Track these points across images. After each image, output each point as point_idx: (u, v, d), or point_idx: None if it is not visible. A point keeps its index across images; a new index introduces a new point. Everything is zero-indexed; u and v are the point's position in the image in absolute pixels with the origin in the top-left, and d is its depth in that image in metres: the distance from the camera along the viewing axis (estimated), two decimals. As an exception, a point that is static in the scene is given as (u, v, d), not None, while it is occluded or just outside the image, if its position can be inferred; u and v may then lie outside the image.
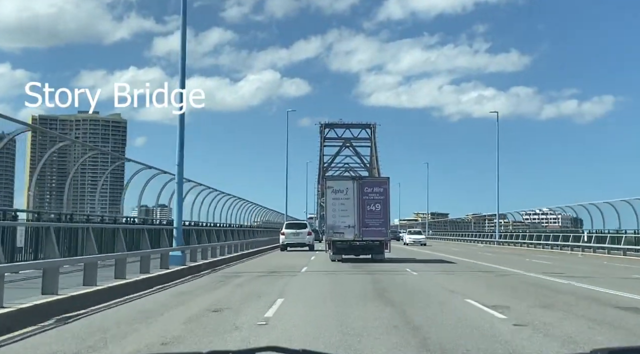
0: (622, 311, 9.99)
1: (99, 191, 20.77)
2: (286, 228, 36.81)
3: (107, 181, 22.16)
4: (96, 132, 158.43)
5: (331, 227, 23.87)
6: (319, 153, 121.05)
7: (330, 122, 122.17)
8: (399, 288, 13.78)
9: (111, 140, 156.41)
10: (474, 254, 32.69)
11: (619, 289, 13.50)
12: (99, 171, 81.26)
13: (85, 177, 37.27)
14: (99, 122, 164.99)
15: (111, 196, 22.49)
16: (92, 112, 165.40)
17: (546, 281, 16.14)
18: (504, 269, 21.02)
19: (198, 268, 18.48)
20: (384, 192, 23.88)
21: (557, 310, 9.93)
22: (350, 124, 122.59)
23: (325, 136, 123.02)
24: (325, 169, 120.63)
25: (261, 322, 8.47)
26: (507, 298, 11.68)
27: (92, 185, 35.81)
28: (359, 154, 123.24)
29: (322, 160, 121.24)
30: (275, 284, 14.23)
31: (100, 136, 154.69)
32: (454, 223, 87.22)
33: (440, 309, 9.94)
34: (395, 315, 9.29)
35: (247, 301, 10.98)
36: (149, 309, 9.92)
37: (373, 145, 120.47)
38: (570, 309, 10.02)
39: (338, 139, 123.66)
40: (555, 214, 69.19)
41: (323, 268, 20.70)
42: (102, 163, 26.00)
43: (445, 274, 18.49)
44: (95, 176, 24.19)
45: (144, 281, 13.55)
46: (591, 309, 10.18)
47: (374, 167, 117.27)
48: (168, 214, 29.74)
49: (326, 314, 9.31)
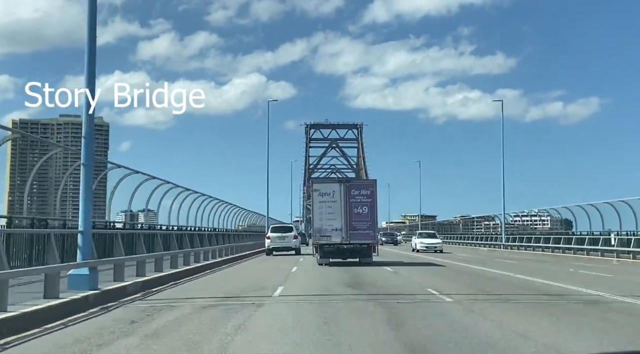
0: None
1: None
2: (271, 232, 36.56)
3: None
4: (78, 136, 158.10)
5: (318, 230, 23.82)
6: (305, 154, 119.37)
7: (315, 123, 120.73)
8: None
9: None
10: (501, 264, 26.24)
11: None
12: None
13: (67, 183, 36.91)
14: (81, 125, 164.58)
15: (95, 201, 22.17)
16: (74, 115, 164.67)
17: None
18: (586, 292, 14.03)
19: (120, 293, 12.81)
20: (371, 194, 23.89)
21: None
22: (337, 124, 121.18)
23: (311, 136, 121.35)
24: (311, 171, 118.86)
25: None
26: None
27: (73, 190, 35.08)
28: (345, 155, 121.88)
29: (307, 161, 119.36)
30: (218, 332, 8.42)
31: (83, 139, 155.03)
32: (442, 225, 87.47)
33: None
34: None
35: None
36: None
37: (360, 146, 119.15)
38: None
39: (324, 139, 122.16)
40: (545, 216, 69.67)
41: (307, 286, 15.41)
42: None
43: (503, 303, 11.95)
44: (77, 181, 23.87)
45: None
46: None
47: (361, 169, 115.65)
48: (154, 219, 29.54)
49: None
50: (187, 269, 19.69)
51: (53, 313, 9.70)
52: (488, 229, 74.98)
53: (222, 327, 8.83)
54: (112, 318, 9.97)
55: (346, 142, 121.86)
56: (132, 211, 27.48)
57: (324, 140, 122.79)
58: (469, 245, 60.27)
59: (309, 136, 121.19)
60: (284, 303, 11.85)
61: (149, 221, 31.22)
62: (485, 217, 79.16)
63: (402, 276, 19.18)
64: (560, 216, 49.25)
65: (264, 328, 8.88)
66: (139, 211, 33.47)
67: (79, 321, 9.63)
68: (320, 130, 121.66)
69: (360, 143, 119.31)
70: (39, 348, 7.48)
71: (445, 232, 79.74)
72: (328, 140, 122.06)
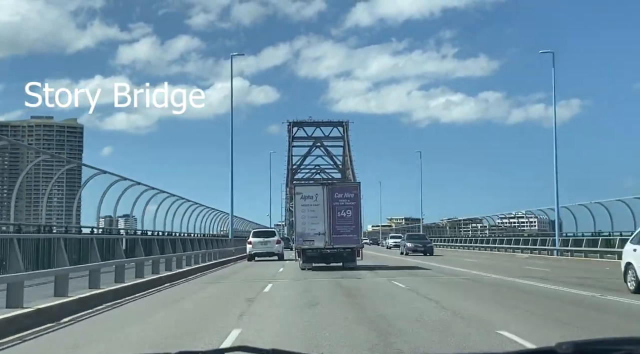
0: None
1: (46, 198, 19.69)
2: (253, 237, 36.28)
3: (61, 190, 21.63)
4: (50, 139, 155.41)
5: (301, 235, 23.83)
6: (287, 153, 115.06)
7: (299, 120, 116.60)
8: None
9: (67, 146, 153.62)
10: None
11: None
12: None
13: (39, 185, 36.46)
14: (53, 127, 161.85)
15: (67, 205, 21.63)
16: (45, 117, 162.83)
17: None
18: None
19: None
20: (355, 197, 23.94)
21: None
22: (321, 122, 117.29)
23: (294, 135, 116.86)
24: (294, 171, 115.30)
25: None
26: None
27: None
28: (330, 154, 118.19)
29: (290, 161, 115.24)
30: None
31: (55, 142, 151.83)
32: (428, 228, 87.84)
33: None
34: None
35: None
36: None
37: (346, 144, 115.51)
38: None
39: (308, 138, 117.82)
40: (530, 218, 70.17)
41: (282, 319, 10.34)
42: (57, 169, 25.43)
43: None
44: (48, 183, 23.05)
45: None
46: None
47: (348, 168, 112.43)
48: (133, 224, 29.24)
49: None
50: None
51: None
52: (476, 231, 75.47)
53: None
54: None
55: (331, 141, 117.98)
56: (111, 216, 27.25)
57: (307, 138, 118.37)
58: (460, 248, 60.63)
59: (292, 134, 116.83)
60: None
61: (129, 226, 30.96)
62: (473, 219, 79.68)
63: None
64: (547, 218, 49.69)
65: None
66: (119, 217, 33.19)
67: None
68: (303, 128, 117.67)
69: (347, 142, 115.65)
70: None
71: (433, 235, 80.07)
72: (312, 138, 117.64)
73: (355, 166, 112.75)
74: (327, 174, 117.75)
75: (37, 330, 9.24)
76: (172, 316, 11.23)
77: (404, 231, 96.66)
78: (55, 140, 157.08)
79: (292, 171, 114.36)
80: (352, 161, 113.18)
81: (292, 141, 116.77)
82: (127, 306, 12.91)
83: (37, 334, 9.03)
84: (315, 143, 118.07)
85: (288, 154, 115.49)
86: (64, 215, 20.91)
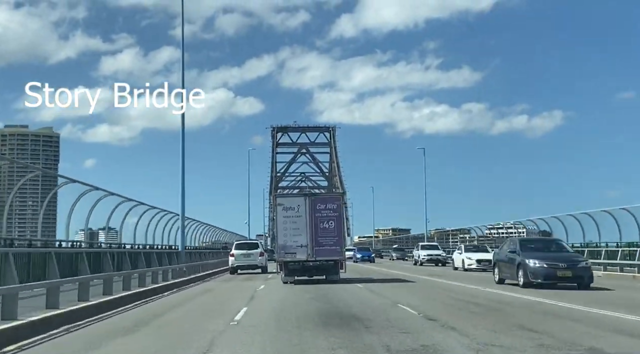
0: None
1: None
2: (235, 249, 36.08)
3: (35, 202, 21.32)
4: (25, 148, 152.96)
5: (282, 247, 23.71)
6: (271, 160, 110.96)
7: (283, 126, 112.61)
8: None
9: (42, 156, 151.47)
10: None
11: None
12: (29, 191, 79.60)
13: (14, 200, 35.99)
14: (27, 136, 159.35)
15: (44, 218, 21.10)
16: (20, 126, 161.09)
17: None
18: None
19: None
20: (338, 208, 23.81)
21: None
22: (307, 127, 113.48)
23: (278, 141, 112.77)
24: (278, 178, 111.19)
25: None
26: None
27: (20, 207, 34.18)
28: (316, 161, 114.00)
29: (274, 168, 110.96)
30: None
31: (30, 152, 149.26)
32: (417, 239, 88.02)
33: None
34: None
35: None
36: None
37: (333, 150, 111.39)
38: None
39: (293, 144, 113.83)
40: (521, 228, 70.47)
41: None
42: (31, 184, 25.15)
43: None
44: (25, 197, 22.28)
45: None
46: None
47: (335, 175, 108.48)
48: (115, 238, 28.90)
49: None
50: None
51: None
52: (464, 242, 75.74)
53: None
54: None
55: (317, 147, 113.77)
56: (93, 229, 26.97)
57: (292, 144, 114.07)
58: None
59: (276, 140, 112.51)
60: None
61: (110, 240, 30.66)
62: (461, 230, 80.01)
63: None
64: (537, 228, 49.91)
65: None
66: (99, 229, 32.95)
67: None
68: (288, 133, 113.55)
69: (333, 148, 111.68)
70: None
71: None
72: (297, 144, 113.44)
73: (343, 172, 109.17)
74: (313, 181, 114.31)
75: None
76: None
77: (397, 242, 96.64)
78: (30, 150, 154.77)
79: (276, 178, 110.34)
80: (340, 167, 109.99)
81: (276, 147, 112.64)
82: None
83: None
84: (301, 149, 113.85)
85: (272, 160, 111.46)
86: (39, 228, 20.36)
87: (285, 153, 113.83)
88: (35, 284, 12.83)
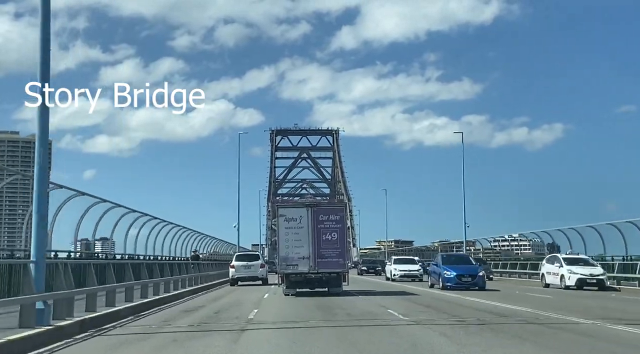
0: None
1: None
2: (236, 260, 36.27)
3: (25, 211, 21.21)
4: (15, 155, 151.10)
5: (284, 259, 23.73)
6: (269, 165, 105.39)
7: (283, 129, 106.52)
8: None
9: (33, 163, 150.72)
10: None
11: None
12: (19, 198, 79.72)
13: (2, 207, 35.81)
14: (18, 142, 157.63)
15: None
16: (10, 132, 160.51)
17: None
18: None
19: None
20: (341, 219, 23.84)
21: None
22: (308, 130, 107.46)
23: (277, 144, 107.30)
24: (277, 185, 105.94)
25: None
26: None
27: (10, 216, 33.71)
28: (318, 167, 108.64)
29: (273, 173, 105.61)
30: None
31: (20, 159, 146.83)
32: (419, 251, 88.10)
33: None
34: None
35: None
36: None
37: (336, 155, 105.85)
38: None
39: (293, 148, 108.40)
40: (526, 241, 70.75)
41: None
42: (22, 191, 25.28)
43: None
44: (15, 204, 21.62)
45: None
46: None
47: (338, 181, 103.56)
48: (111, 248, 29.09)
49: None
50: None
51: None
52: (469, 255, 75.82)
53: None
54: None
55: (319, 152, 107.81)
56: (89, 239, 27.13)
57: (293, 149, 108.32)
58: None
59: (275, 143, 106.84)
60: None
61: (106, 250, 30.89)
62: (465, 242, 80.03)
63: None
64: (540, 240, 50.18)
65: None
66: (96, 239, 33.13)
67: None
68: (288, 137, 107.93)
69: (337, 152, 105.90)
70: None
71: (423, 258, 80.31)
72: (298, 149, 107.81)
73: (348, 178, 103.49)
74: (315, 188, 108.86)
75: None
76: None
77: (401, 254, 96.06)
78: (20, 156, 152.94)
79: (274, 183, 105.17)
80: (344, 173, 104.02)
81: (275, 151, 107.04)
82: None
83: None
84: (301, 154, 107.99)
85: (270, 165, 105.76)
86: (23, 237, 19.94)
87: (285, 158, 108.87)
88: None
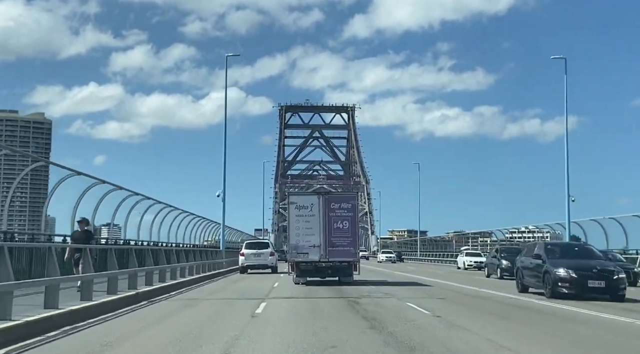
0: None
1: (8, 201, 18.35)
2: (246, 248, 36.69)
3: (25, 192, 21.38)
4: (14, 135, 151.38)
5: (294, 247, 23.74)
6: (278, 143, 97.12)
7: (293, 105, 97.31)
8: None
9: (32, 143, 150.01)
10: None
11: None
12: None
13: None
14: (17, 122, 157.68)
15: (31, 209, 21.09)
16: (9, 111, 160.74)
17: None
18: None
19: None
20: (352, 208, 23.69)
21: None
22: (320, 106, 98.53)
23: (287, 122, 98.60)
24: (286, 166, 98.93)
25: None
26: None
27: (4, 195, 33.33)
28: (331, 146, 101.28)
29: (281, 153, 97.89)
30: None
31: (19, 139, 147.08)
32: (434, 242, 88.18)
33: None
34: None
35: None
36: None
37: (352, 134, 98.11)
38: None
39: (304, 126, 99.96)
40: (544, 231, 70.64)
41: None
42: (20, 169, 25.43)
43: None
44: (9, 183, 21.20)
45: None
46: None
47: (355, 162, 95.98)
48: (119, 234, 29.47)
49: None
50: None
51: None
52: (485, 245, 75.90)
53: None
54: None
55: (333, 130, 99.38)
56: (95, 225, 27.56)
57: (304, 127, 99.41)
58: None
59: (284, 120, 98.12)
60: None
61: (113, 235, 31.27)
62: (481, 233, 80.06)
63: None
64: (554, 232, 50.27)
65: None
66: (101, 225, 33.60)
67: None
68: (298, 114, 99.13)
69: (353, 131, 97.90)
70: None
71: (438, 249, 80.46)
72: (309, 127, 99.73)
73: (364, 158, 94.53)
74: (327, 170, 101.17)
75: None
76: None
77: (414, 244, 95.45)
78: (19, 136, 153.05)
79: (283, 164, 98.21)
80: (360, 153, 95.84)
81: (285, 128, 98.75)
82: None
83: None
84: (313, 132, 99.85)
85: (279, 144, 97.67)
86: (27, 221, 19.82)
87: (295, 137, 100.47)
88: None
